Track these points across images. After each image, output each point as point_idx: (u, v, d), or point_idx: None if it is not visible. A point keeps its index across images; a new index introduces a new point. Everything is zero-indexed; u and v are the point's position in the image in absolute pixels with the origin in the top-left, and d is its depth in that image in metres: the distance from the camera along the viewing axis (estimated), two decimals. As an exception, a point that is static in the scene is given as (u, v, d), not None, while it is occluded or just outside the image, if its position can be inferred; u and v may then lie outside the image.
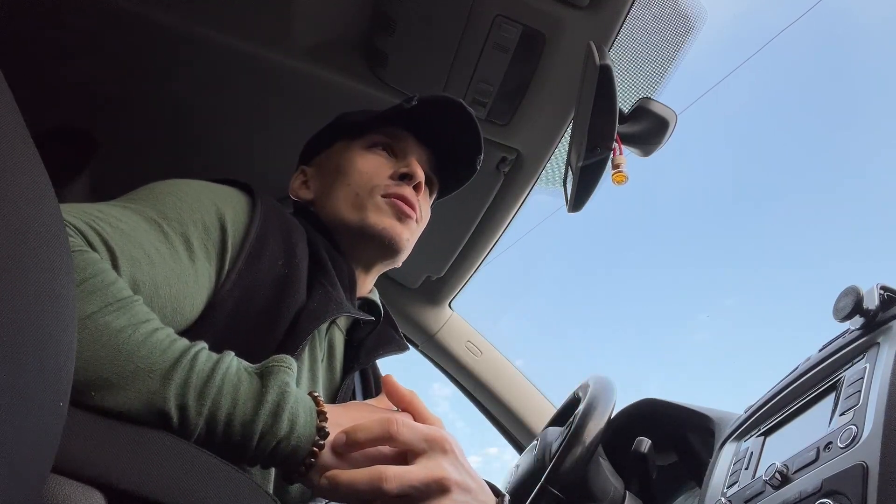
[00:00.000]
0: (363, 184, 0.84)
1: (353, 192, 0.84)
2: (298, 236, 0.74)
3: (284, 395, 0.50)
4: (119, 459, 0.42)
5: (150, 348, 0.47)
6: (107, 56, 1.11)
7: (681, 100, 1.01)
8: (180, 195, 0.66)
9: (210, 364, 0.49)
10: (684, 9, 0.94)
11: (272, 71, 1.08)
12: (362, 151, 0.88)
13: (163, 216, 0.62)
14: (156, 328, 0.50)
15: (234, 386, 0.49)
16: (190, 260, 0.62)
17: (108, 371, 0.45)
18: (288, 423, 0.50)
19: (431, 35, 0.97)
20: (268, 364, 0.52)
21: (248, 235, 0.67)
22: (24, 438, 0.31)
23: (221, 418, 0.48)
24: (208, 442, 0.48)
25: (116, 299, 0.49)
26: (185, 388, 0.47)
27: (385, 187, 0.84)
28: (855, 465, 0.53)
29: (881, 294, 0.68)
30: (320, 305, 0.69)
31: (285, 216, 0.75)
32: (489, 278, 1.60)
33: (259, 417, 0.48)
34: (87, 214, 0.55)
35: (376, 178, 0.85)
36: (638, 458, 0.97)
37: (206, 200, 0.67)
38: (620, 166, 0.86)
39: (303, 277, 0.71)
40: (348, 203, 0.84)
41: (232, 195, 0.71)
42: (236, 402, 0.48)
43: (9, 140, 0.31)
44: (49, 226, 0.34)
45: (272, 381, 0.50)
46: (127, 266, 0.55)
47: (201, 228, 0.64)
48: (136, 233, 0.58)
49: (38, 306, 0.32)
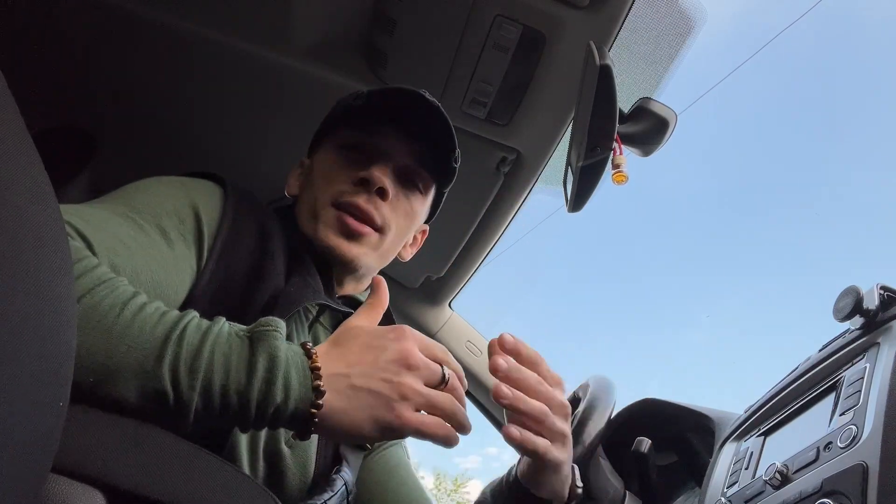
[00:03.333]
0: (321, 190, 0.79)
1: (313, 197, 0.79)
2: (274, 227, 0.73)
3: (275, 360, 0.49)
4: (119, 459, 0.42)
5: (139, 326, 0.47)
6: (107, 56, 1.11)
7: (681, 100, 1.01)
8: (150, 191, 0.66)
9: (199, 335, 0.49)
10: (684, 9, 0.94)
11: (272, 71, 1.08)
12: (335, 150, 0.82)
13: (134, 210, 0.62)
14: (143, 304, 0.49)
15: (226, 355, 0.48)
16: (169, 248, 0.62)
17: (103, 355, 0.45)
18: (282, 389, 0.49)
19: (431, 35, 0.97)
20: (255, 328, 0.51)
21: (222, 224, 0.68)
22: (23, 438, 0.31)
23: (216, 390, 0.47)
24: (208, 415, 0.48)
25: (101, 281, 0.49)
26: (176, 363, 0.46)
27: (339, 194, 0.77)
28: (855, 465, 0.53)
29: (881, 294, 0.68)
30: (297, 291, 0.68)
31: (259, 208, 0.75)
32: (489, 278, 1.60)
33: (253, 386, 0.48)
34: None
35: (335, 183, 0.79)
36: (638, 458, 0.97)
37: (178, 192, 0.67)
38: (620, 166, 0.85)
39: (279, 264, 0.70)
40: (309, 208, 0.80)
41: (204, 187, 0.71)
42: (229, 371, 0.48)
43: (9, 140, 0.31)
44: (49, 226, 0.34)
45: (260, 348, 0.49)
46: (105, 254, 0.55)
47: (175, 218, 0.64)
48: (110, 225, 0.58)
49: (38, 306, 0.32)
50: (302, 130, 1.07)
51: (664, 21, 0.96)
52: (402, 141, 0.82)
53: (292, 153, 1.00)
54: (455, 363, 0.59)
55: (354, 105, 0.80)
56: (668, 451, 1.05)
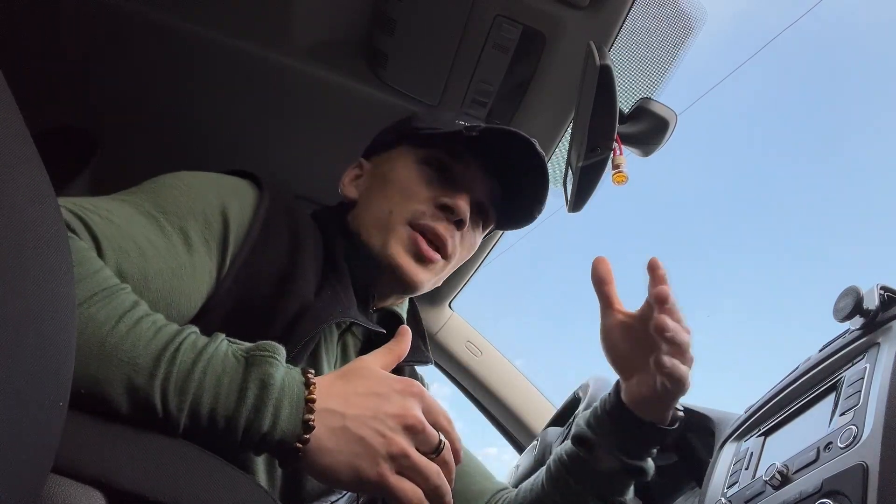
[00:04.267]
0: (398, 202, 0.76)
1: (388, 208, 0.76)
2: (308, 232, 0.71)
3: (267, 388, 0.48)
4: (119, 459, 0.42)
5: (133, 340, 0.46)
6: (107, 56, 1.11)
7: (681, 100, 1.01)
8: (183, 188, 0.64)
9: (193, 354, 0.48)
10: (684, 9, 0.94)
11: (272, 71, 1.08)
12: (416, 164, 0.79)
13: (160, 209, 0.61)
14: (140, 317, 0.48)
15: (217, 378, 0.47)
16: (188, 253, 0.60)
17: (94, 367, 0.44)
18: (270, 417, 0.48)
19: (431, 35, 0.97)
20: (252, 351, 0.50)
21: (252, 228, 0.66)
22: (23, 438, 0.31)
23: (204, 413, 0.47)
24: (195, 434, 0.47)
25: (101, 288, 0.48)
26: (167, 383, 0.46)
27: (419, 215, 0.76)
28: (855, 466, 0.53)
29: (881, 294, 0.68)
30: (325, 307, 0.66)
31: (295, 211, 0.72)
32: (489, 278, 1.60)
33: (241, 413, 0.47)
34: (76, 205, 0.54)
35: (415, 199, 0.76)
36: (638, 458, 0.96)
37: (210, 192, 0.65)
38: (620, 166, 0.85)
39: (309, 275, 0.68)
40: (377, 219, 0.76)
41: (238, 186, 0.69)
42: (218, 396, 0.47)
43: (9, 140, 0.31)
44: (49, 226, 0.34)
45: (254, 373, 0.48)
46: (113, 256, 0.54)
47: (202, 221, 0.63)
48: (129, 225, 0.57)
49: (38, 306, 0.32)
50: (301, 130, 1.07)
51: (664, 21, 0.96)
52: (484, 175, 0.81)
53: (292, 153, 1.00)
54: (455, 434, 0.56)
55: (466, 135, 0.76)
56: (668, 451, 1.05)
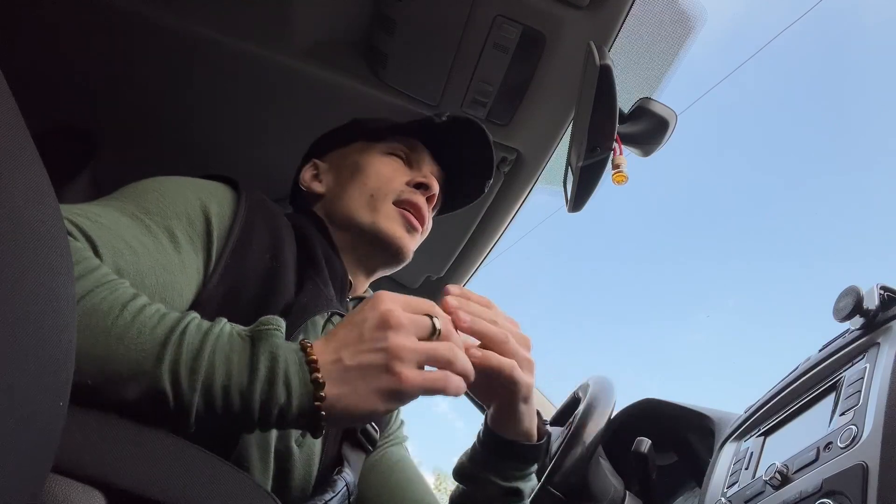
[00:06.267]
0: (380, 187, 0.86)
1: (368, 192, 0.86)
2: (286, 231, 0.74)
3: (276, 359, 0.49)
4: (119, 459, 0.42)
5: (139, 327, 0.47)
6: (107, 56, 1.11)
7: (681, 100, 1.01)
8: (162, 191, 0.66)
9: (200, 336, 0.48)
10: (684, 9, 0.94)
11: (272, 71, 1.08)
12: (381, 155, 0.91)
13: (144, 211, 0.62)
14: (143, 305, 0.49)
15: (227, 356, 0.48)
16: (175, 251, 0.62)
17: (101, 357, 0.45)
18: (283, 387, 0.48)
19: (431, 35, 0.97)
20: (256, 328, 0.51)
21: (233, 228, 0.68)
22: (23, 438, 0.31)
23: (217, 391, 0.47)
24: (210, 416, 0.47)
25: (102, 283, 0.49)
26: (177, 364, 0.46)
27: (400, 193, 0.87)
28: (855, 465, 0.53)
29: (881, 294, 0.68)
30: (311, 300, 0.68)
31: (272, 211, 0.75)
32: (489, 278, 1.60)
33: (255, 386, 0.47)
34: (66, 210, 0.55)
35: (393, 182, 0.87)
36: (638, 458, 0.97)
37: (190, 194, 0.67)
38: (620, 166, 0.85)
39: (290, 272, 0.70)
40: (362, 203, 0.85)
41: (216, 189, 0.71)
42: (230, 372, 0.47)
43: (9, 140, 0.31)
44: (49, 226, 0.34)
45: (262, 347, 0.49)
46: (109, 255, 0.55)
47: (185, 221, 0.64)
48: (117, 226, 0.58)
49: (38, 306, 0.32)
50: (301, 130, 1.07)
51: (664, 21, 0.96)
52: (433, 163, 0.94)
53: (292, 153, 1.00)
54: (444, 314, 0.57)
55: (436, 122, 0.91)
56: (668, 451, 1.05)
